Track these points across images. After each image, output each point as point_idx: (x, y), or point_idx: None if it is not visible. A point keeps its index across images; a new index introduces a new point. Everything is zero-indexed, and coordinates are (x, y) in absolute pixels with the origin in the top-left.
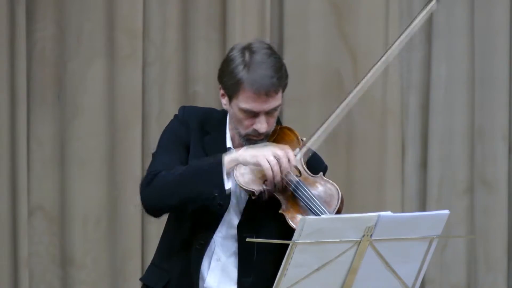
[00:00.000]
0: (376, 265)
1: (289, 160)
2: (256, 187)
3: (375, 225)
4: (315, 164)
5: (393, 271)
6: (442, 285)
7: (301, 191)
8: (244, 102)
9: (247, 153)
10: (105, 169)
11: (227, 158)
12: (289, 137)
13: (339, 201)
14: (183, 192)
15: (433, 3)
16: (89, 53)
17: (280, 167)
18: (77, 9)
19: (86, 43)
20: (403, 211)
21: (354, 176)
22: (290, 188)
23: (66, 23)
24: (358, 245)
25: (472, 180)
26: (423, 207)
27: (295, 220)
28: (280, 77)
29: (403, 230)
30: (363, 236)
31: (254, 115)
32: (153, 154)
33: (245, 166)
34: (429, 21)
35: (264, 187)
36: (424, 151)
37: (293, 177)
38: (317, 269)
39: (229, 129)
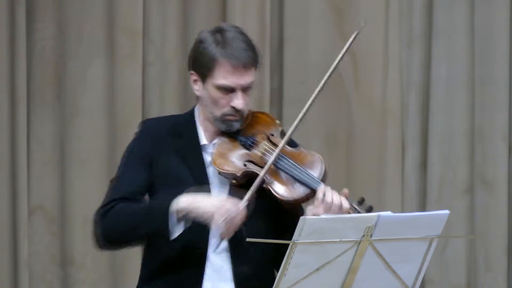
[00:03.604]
0: (376, 265)
1: (239, 217)
2: (236, 169)
3: (375, 225)
4: (291, 142)
5: (393, 271)
6: (442, 285)
7: (283, 161)
8: (221, 77)
9: (201, 207)
10: (105, 169)
11: (176, 206)
12: (263, 120)
13: (324, 167)
14: (139, 232)
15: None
16: (89, 53)
17: (230, 225)
18: (77, 9)
19: (86, 43)
20: (403, 211)
21: (354, 176)
22: (273, 161)
23: (66, 23)
24: (358, 245)
25: (472, 180)
26: (423, 207)
27: (281, 191)
28: (254, 51)
29: (403, 230)
30: (363, 236)
31: (230, 91)
32: (111, 181)
33: (223, 152)
34: (429, 21)
35: (244, 166)
36: (424, 151)
37: (277, 151)
38: (317, 269)
39: (201, 124)
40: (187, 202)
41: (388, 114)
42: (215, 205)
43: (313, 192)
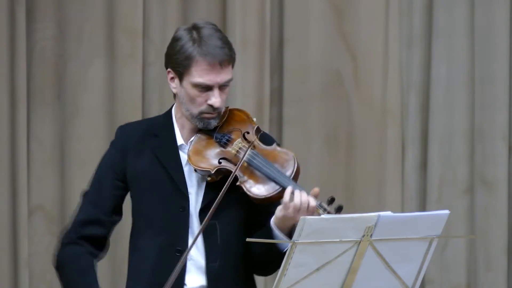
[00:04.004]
0: (376, 265)
1: None
2: (211, 166)
3: (375, 225)
4: (267, 139)
5: (393, 271)
6: (442, 285)
7: (256, 160)
8: (198, 76)
9: None
10: None
11: None
12: (240, 117)
13: (295, 165)
14: None
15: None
16: (89, 53)
17: None
18: (77, 9)
19: (86, 43)
20: (403, 211)
21: (354, 176)
22: (245, 160)
23: (66, 23)
24: (358, 245)
25: (472, 180)
26: (423, 207)
27: (252, 188)
28: (230, 48)
29: (403, 230)
30: (363, 236)
31: (207, 89)
32: (83, 194)
33: (198, 150)
34: (429, 21)
35: (219, 163)
36: (424, 151)
37: (247, 149)
38: (317, 269)
39: (177, 121)
40: None
41: (388, 114)
42: None
43: (283, 190)
